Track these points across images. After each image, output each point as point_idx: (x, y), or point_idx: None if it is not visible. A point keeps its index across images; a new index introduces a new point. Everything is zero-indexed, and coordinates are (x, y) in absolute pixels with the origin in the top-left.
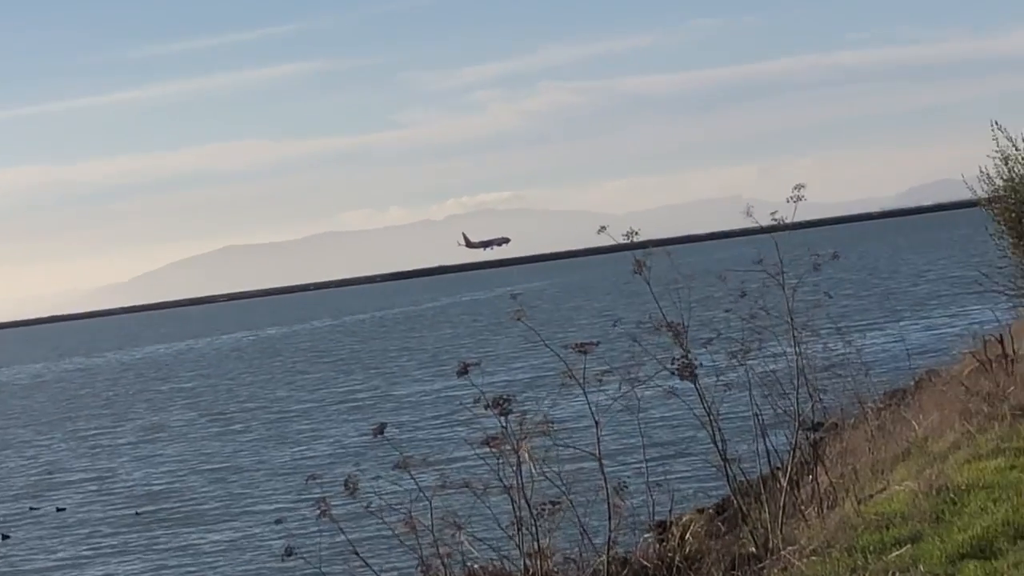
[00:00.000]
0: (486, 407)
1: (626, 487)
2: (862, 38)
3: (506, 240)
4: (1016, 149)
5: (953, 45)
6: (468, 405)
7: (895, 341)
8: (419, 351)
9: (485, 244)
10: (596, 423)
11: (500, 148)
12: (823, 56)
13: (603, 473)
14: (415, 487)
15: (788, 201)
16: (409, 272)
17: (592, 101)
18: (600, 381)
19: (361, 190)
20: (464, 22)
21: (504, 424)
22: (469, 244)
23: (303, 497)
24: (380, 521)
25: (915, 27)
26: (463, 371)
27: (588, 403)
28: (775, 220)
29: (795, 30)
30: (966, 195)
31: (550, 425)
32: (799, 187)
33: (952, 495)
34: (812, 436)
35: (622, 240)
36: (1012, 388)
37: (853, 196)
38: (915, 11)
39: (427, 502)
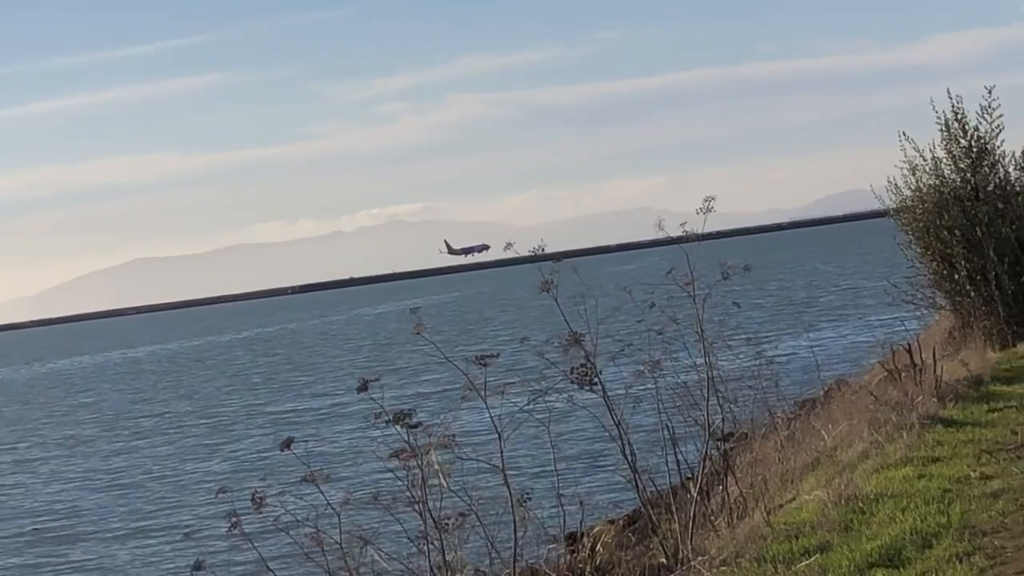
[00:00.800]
0: (388, 422)
1: (531, 499)
2: (772, 50)
3: (486, 247)
4: (923, 159)
5: (863, 57)
6: (373, 419)
7: (805, 351)
8: (327, 364)
9: (466, 251)
10: (499, 436)
11: (411, 160)
12: (733, 67)
13: (507, 485)
14: (323, 502)
15: (698, 212)
16: (320, 284)
17: (502, 113)
18: (503, 394)
19: (271, 203)
20: (374, 34)
21: (409, 438)
22: (451, 251)
23: (211, 512)
24: (288, 536)
25: (825, 39)
26: (363, 387)
27: (491, 416)
28: (685, 231)
29: (704, 41)
30: (875, 205)
31: (453, 439)
32: (709, 198)
33: (861, 504)
34: (722, 447)
35: (528, 254)
36: (920, 397)
37: (764, 207)
38: (825, 23)
39: (335, 517)
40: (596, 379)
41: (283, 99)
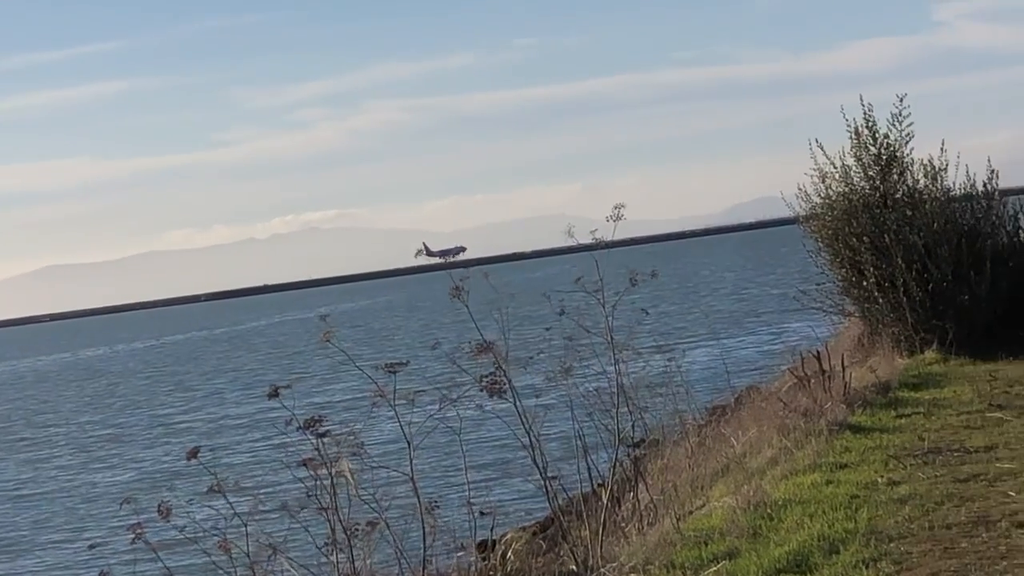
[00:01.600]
0: (299, 429)
1: (440, 507)
2: (687, 57)
3: (462, 248)
4: (834, 167)
5: (775, 65)
6: (282, 427)
7: (716, 358)
8: (237, 372)
9: (443, 253)
10: (409, 443)
11: (326, 166)
12: (648, 75)
13: (417, 493)
14: (230, 511)
15: (608, 220)
16: (233, 291)
17: (419, 119)
18: (412, 402)
19: (184, 209)
20: (290, 40)
21: (318, 445)
22: (429, 253)
23: (116, 523)
24: (196, 546)
25: (739, 47)
26: (274, 393)
27: (400, 424)
28: (595, 238)
29: (619, 49)
30: (786, 212)
31: (363, 446)
32: (619, 206)
33: (769, 510)
34: (633, 453)
35: (442, 261)
36: (829, 404)
37: (677, 213)
38: (739, 31)
39: (243, 526)
40: (507, 386)
41: (197, 105)
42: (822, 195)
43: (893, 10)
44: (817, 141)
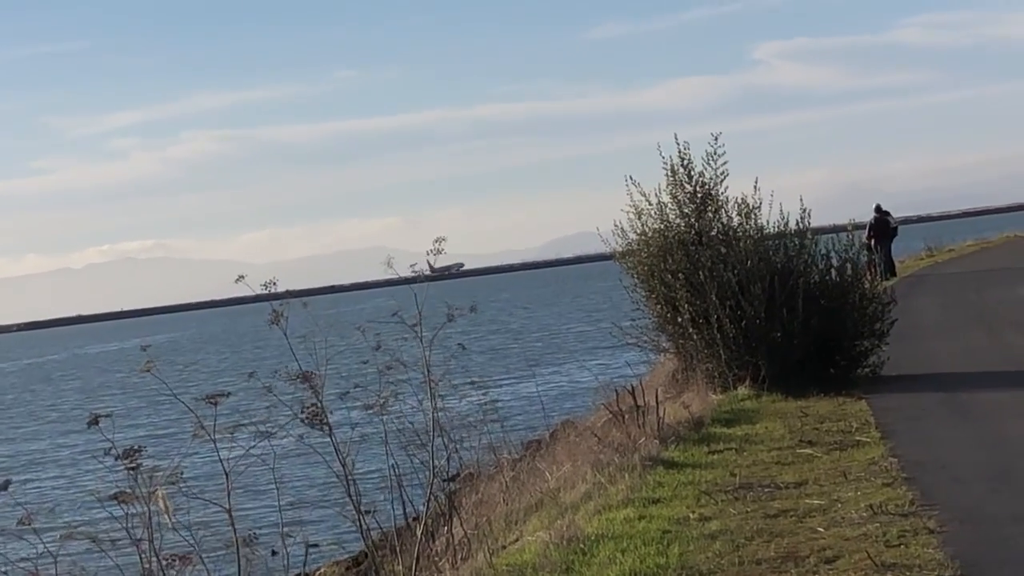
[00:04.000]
0: (117, 458)
1: (257, 539)
2: (506, 92)
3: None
4: (649, 204)
5: (593, 101)
6: (98, 459)
7: (532, 393)
8: (49, 404)
9: (444, 269)
10: (227, 475)
11: (142, 196)
12: (467, 109)
13: (233, 526)
14: (41, 544)
15: (428, 254)
16: (47, 321)
17: (237, 150)
18: (232, 433)
19: None
20: (107, 68)
21: (134, 477)
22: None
23: None
24: None
25: (558, 82)
26: (94, 422)
27: (219, 455)
28: (414, 272)
29: (439, 83)
30: (604, 248)
31: (181, 476)
32: (439, 240)
33: (582, 545)
34: (448, 488)
35: (260, 290)
36: (643, 439)
37: (497, 247)
38: (558, 67)
39: (54, 561)
40: (324, 419)
41: (10, 133)
42: (638, 232)
43: (711, 49)
44: (632, 178)
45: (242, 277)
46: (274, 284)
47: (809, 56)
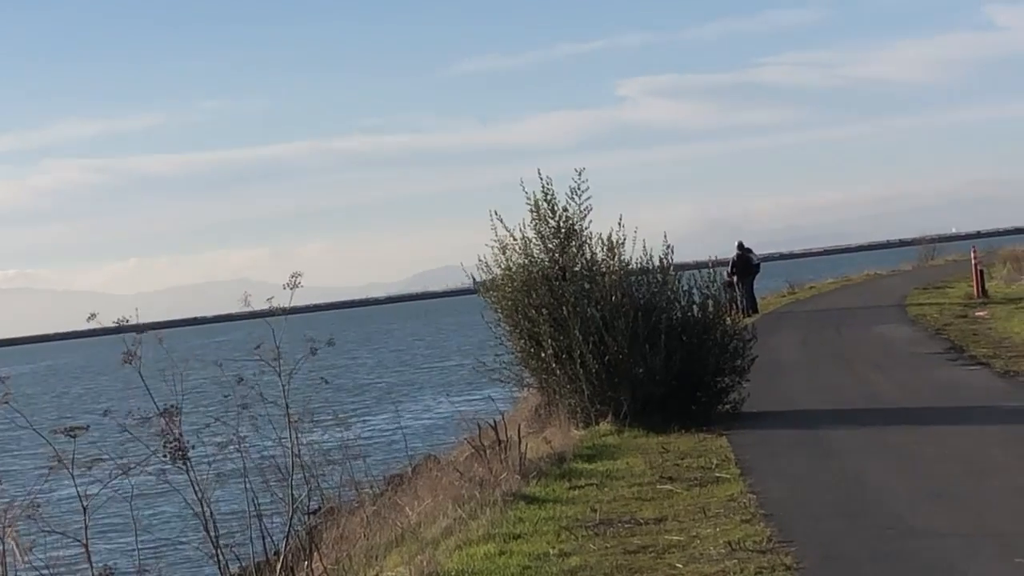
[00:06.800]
0: None
1: (113, 574)
2: (375, 124)
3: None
4: (513, 239)
5: (464, 135)
6: None
7: (395, 427)
8: None
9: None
10: (84, 509)
11: (3, 225)
12: (334, 141)
13: (90, 560)
14: None
15: (285, 288)
16: None
17: (101, 180)
18: (90, 468)
19: None
20: None
21: None
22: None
23: None
24: None
25: (428, 115)
26: None
27: (77, 490)
28: (270, 305)
29: (306, 114)
30: (469, 282)
31: (37, 510)
32: (296, 274)
33: None
34: (308, 522)
35: (112, 324)
36: (505, 474)
37: (364, 280)
38: (428, 100)
39: None
40: (183, 454)
41: None
42: (502, 266)
43: (578, 83)
44: (496, 213)
45: (94, 315)
46: (127, 320)
47: (675, 93)
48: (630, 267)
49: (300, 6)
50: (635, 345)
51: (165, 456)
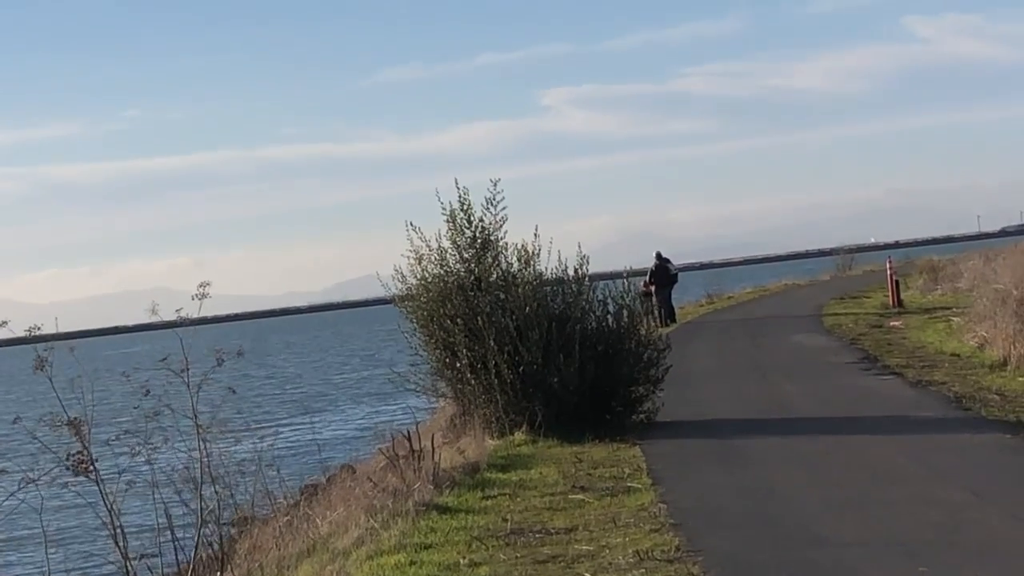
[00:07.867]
0: None
1: None
2: (291, 134)
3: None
4: (429, 249)
5: (385, 144)
6: None
7: (310, 437)
8: None
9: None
10: None
11: None
12: (253, 150)
13: None
14: None
15: (194, 298)
16: None
17: (17, 188)
18: None
19: None
20: None
21: None
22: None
23: None
24: None
25: (348, 124)
26: None
27: None
28: (178, 316)
29: (225, 123)
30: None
31: None
32: (204, 284)
33: None
34: (220, 533)
35: (24, 334)
36: (418, 484)
37: (283, 289)
38: (347, 109)
39: None
40: (91, 465)
41: None
42: (418, 276)
43: (500, 93)
44: (412, 223)
45: (5, 323)
46: (39, 328)
47: (597, 103)
48: (545, 277)
49: (219, 15)
50: (549, 355)
51: (69, 469)
